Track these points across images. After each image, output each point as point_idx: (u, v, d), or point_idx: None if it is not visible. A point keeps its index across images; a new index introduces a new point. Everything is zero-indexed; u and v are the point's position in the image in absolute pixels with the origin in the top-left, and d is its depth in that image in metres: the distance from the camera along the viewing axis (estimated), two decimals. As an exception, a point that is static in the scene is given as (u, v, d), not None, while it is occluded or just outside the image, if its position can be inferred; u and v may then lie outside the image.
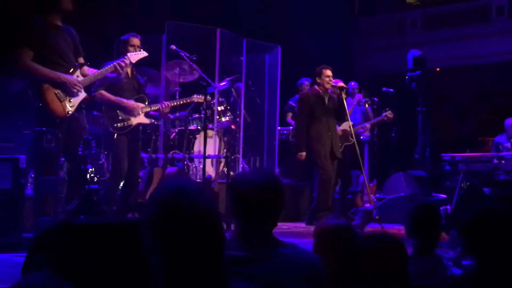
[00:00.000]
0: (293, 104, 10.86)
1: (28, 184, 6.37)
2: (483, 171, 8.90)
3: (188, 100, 7.51)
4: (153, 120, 7.18)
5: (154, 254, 1.72)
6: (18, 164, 5.46)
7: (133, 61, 6.48)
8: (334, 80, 8.33)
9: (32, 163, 5.79)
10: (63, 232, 2.69)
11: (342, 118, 8.59)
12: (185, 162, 8.24)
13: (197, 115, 8.86)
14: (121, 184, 6.84)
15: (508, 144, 9.89)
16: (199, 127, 8.63)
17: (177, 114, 8.68)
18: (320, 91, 8.25)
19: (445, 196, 9.28)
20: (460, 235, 2.73)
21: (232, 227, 2.55)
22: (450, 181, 9.71)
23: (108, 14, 6.34)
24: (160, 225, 1.69)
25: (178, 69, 8.47)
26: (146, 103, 6.83)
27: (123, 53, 6.67)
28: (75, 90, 5.75)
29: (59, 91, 5.68)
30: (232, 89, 9.63)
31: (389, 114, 9.58)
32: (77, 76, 5.88)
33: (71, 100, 5.76)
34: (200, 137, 8.53)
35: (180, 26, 8.38)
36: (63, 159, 6.42)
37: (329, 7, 13.73)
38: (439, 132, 12.73)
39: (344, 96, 8.26)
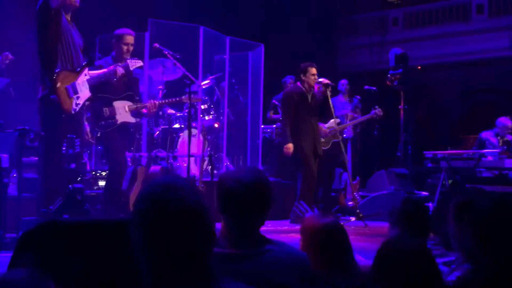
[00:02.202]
0: (277, 103, 10.88)
1: (11, 184, 6.30)
2: (464, 168, 8.98)
3: (178, 99, 7.47)
4: (138, 119, 7.14)
5: (142, 251, 1.71)
6: (0, 163, 5.40)
7: (131, 68, 6.55)
8: (322, 80, 8.32)
9: (15, 162, 5.74)
10: (48, 231, 2.68)
11: (325, 116, 8.57)
12: (169, 161, 8.21)
13: (180, 114, 8.84)
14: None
15: (495, 141, 9.95)
16: (182, 126, 8.61)
17: (160, 113, 8.64)
18: (304, 88, 8.21)
19: (427, 193, 9.35)
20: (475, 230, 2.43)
21: (218, 225, 2.54)
22: (432, 179, 9.80)
23: (91, 11, 6.31)
24: (149, 221, 1.69)
25: (161, 67, 8.44)
26: (135, 101, 6.78)
27: (115, 48, 6.66)
28: (81, 84, 5.82)
29: (69, 87, 5.72)
30: (216, 88, 9.62)
31: (378, 111, 9.51)
32: (85, 75, 5.93)
33: (78, 97, 5.79)
34: (183, 136, 8.50)
35: (163, 24, 8.35)
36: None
37: (312, 6, 13.77)
38: (421, 130, 12.80)
39: (329, 93, 8.23)
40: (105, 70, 6.32)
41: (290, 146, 8.07)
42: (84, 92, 5.87)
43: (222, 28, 9.39)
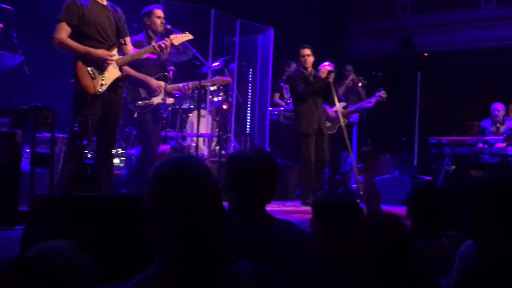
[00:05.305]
0: (283, 85, 10.98)
1: (24, 159, 6.40)
2: (468, 154, 9.08)
3: (213, 80, 7.49)
4: (173, 100, 7.14)
5: (156, 225, 1.78)
6: (14, 139, 5.50)
7: (176, 43, 6.33)
8: (327, 64, 8.36)
9: (29, 137, 5.85)
10: (59, 205, 2.80)
11: (328, 100, 8.62)
12: (178, 141, 8.32)
13: (190, 94, 8.93)
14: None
15: (493, 129, 10.05)
16: (192, 106, 8.72)
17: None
18: (304, 71, 8.31)
19: (431, 178, 9.46)
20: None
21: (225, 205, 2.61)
22: (436, 164, 9.91)
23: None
24: (162, 199, 1.76)
25: (172, 48, 8.52)
26: (169, 82, 6.77)
27: (148, 26, 6.64)
28: (106, 65, 5.66)
29: (92, 68, 5.68)
30: (225, 70, 9.71)
31: (382, 94, 9.51)
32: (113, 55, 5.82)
33: (103, 78, 5.70)
34: (193, 116, 8.60)
35: (175, 5, 8.41)
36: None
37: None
38: (427, 115, 12.87)
39: (331, 80, 8.28)
40: (140, 50, 6.07)
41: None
42: (112, 72, 5.76)
43: (232, 10, 9.46)
